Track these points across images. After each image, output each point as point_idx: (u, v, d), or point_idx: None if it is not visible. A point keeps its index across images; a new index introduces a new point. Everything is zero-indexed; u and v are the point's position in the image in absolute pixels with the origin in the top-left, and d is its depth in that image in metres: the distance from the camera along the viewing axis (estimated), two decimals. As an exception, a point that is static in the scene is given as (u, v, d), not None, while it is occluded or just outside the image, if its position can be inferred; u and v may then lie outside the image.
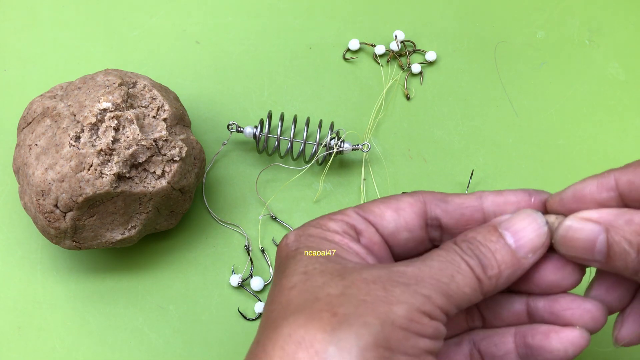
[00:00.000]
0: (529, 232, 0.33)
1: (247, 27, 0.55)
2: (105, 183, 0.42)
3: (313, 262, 0.32)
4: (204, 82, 0.53)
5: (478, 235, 0.33)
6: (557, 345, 0.34)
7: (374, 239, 0.35)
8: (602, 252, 0.32)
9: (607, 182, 0.32)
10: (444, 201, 0.35)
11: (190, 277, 0.48)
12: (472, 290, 0.32)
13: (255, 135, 0.49)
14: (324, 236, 0.34)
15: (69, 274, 0.48)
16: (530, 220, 0.33)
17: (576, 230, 0.32)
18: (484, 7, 0.56)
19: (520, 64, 0.54)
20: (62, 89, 0.46)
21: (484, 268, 0.32)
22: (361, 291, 0.30)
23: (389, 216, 0.35)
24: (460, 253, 0.32)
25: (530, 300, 0.35)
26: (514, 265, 0.33)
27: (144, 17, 0.55)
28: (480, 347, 0.36)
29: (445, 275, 0.31)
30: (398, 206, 0.35)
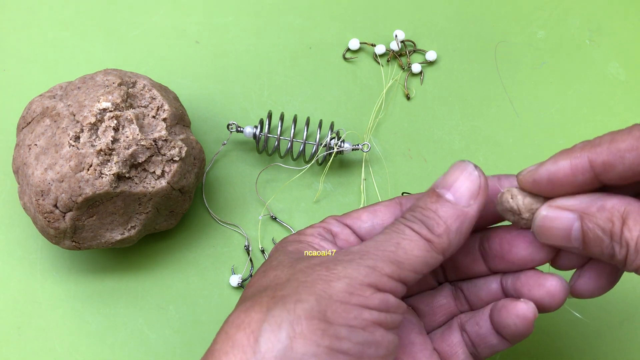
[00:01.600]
0: (462, 181, 0.34)
1: (247, 27, 0.55)
2: (104, 183, 0.42)
3: (272, 261, 0.35)
4: (203, 82, 0.53)
5: (419, 202, 0.34)
6: (507, 320, 0.35)
7: (350, 240, 0.36)
8: (578, 239, 0.32)
9: (581, 165, 0.32)
10: (417, 197, 0.37)
11: (190, 278, 0.48)
12: (424, 252, 0.33)
13: (255, 135, 0.49)
14: (297, 239, 0.36)
15: (69, 274, 0.48)
16: (460, 170, 0.34)
17: (551, 219, 0.33)
18: (484, 7, 0.56)
19: (521, 63, 0.54)
20: (61, 88, 0.46)
21: (429, 228, 0.33)
22: (305, 274, 0.32)
23: (365, 217, 0.37)
24: (403, 222, 0.34)
25: (503, 279, 0.36)
26: (460, 216, 0.33)
27: (143, 16, 0.55)
28: (467, 329, 0.37)
29: (391, 244, 0.32)
30: (374, 209, 0.37)
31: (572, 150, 0.33)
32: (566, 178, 0.33)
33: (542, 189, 0.33)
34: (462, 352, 0.37)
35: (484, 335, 0.36)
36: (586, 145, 0.33)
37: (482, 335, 0.36)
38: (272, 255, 0.36)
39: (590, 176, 0.32)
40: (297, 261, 0.34)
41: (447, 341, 0.37)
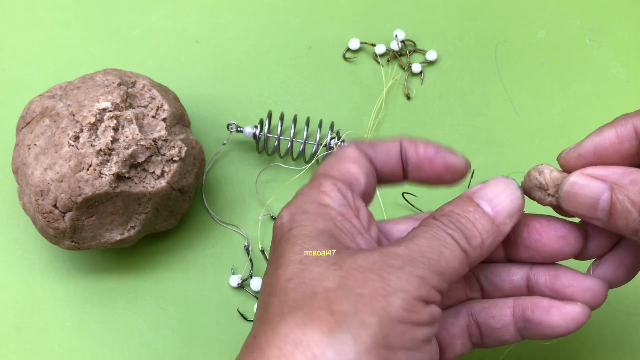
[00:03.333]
0: (503, 198, 0.33)
1: (246, 27, 0.55)
2: (104, 183, 0.42)
3: (308, 247, 0.31)
4: (203, 82, 0.53)
5: (455, 208, 0.33)
6: (559, 321, 0.34)
7: (357, 204, 0.35)
8: (605, 210, 0.31)
9: (627, 132, 0.32)
10: (373, 146, 0.36)
11: (189, 278, 0.48)
12: (460, 263, 0.32)
13: (255, 135, 0.49)
14: (321, 212, 0.33)
15: (68, 274, 0.48)
16: (503, 187, 0.33)
17: (581, 186, 0.32)
18: (484, 7, 0.56)
19: (521, 63, 0.54)
20: (61, 88, 0.46)
21: (467, 239, 0.32)
22: (358, 282, 0.30)
23: (356, 173, 0.35)
24: (443, 227, 0.32)
25: (531, 274, 0.36)
26: (495, 232, 0.33)
27: (143, 16, 0.55)
28: (478, 319, 0.36)
29: (434, 252, 0.31)
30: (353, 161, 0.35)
31: (615, 121, 0.32)
32: (612, 147, 0.32)
33: (587, 162, 0.33)
34: (460, 344, 0.36)
35: (497, 330, 0.35)
36: (628, 115, 0.32)
37: (496, 329, 0.35)
38: (297, 235, 0.32)
39: (637, 144, 0.32)
40: (341, 258, 0.31)
41: (448, 329, 0.36)
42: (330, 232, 0.32)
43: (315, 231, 0.32)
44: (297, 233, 0.32)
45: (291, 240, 0.32)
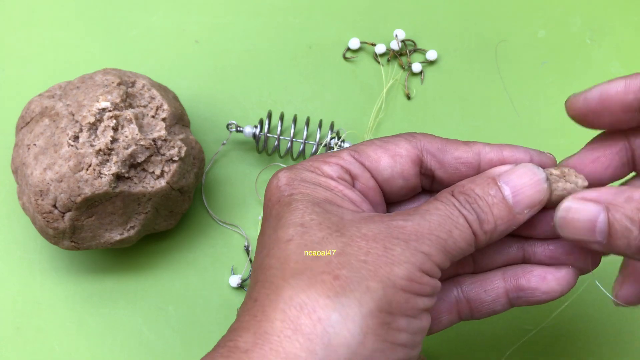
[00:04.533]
0: (528, 188, 0.32)
1: (246, 27, 0.55)
2: (104, 183, 0.42)
3: (309, 212, 0.31)
4: (203, 82, 0.53)
5: (476, 187, 0.32)
6: (555, 286, 0.34)
7: (369, 184, 0.34)
8: (603, 232, 0.31)
9: (635, 85, 0.32)
10: (442, 152, 0.35)
11: (189, 278, 0.48)
12: (468, 245, 0.32)
13: (254, 135, 0.49)
14: (317, 181, 0.33)
15: (68, 274, 0.48)
16: (531, 176, 0.33)
17: (576, 211, 0.31)
18: (485, 6, 0.56)
19: (521, 63, 0.54)
20: (60, 88, 0.46)
21: (481, 223, 0.32)
22: (361, 250, 0.30)
23: (385, 163, 0.34)
24: (459, 207, 0.32)
25: (527, 246, 0.35)
26: (510, 220, 0.32)
27: (143, 16, 0.55)
28: (469, 294, 0.36)
29: (444, 231, 0.31)
30: (395, 152, 0.34)
31: (629, 75, 0.32)
32: (617, 96, 0.32)
33: (590, 107, 0.32)
34: (446, 319, 0.36)
35: (489, 302, 0.35)
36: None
37: (487, 302, 0.35)
38: (297, 199, 0.32)
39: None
40: (343, 224, 0.31)
41: (436, 305, 0.36)
42: (332, 201, 0.32)
43: (316, 199, 0.32)
44: (298, 198, 0.32)
45: (292, 204, 0.32)
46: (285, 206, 0.32)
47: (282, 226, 0.31)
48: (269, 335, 0.28)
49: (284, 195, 0.32)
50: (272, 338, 0.28)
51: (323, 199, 0.32)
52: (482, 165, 0.34)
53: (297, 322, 0.28)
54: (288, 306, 0.28)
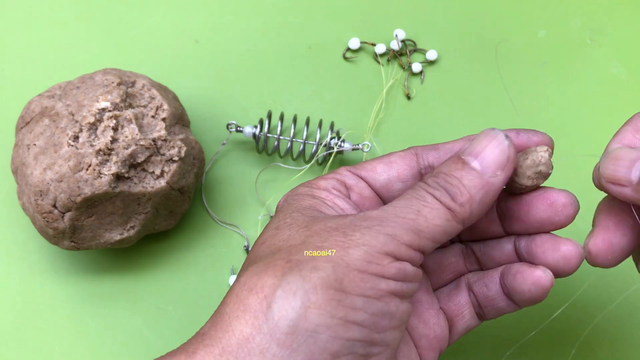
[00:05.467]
0: (491, 150, 0.33)
1: (246, 26, 0.55)
2: (103, 183, 0.42)
3: (286, 217, 0.33)
4: (203, 82, 0.53)
5: (443, 167, 0.33)
6: (522, 286, 0.34)
7: (365, 193, 0.36)
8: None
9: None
10: (434, 149, 0.36)
11: (189, 278, 0.48)
12: (444, 221, 0.32)
13: (254, 135, 0.49)
14: (310, 193, 0.35)
15: (68, 274, 0.48)
16: (490, 139, 0.33)
17: (620, 152, 0.33)
18: (485, 6, 0.56)
19: (522, 63, 0.54)
20: (60, 88, 0.46)
21: (452, 197, 0.32)
22: (321, 238, 0.31)
23: (380, 169, 0.36)
24: (425, 187, 0.32)
25: (516, 240, 0.36)
26: (484, 187, 0.32)
27: (142, 16, 0.55)
28: (474, 290, 0.37)
29: (411, 212, 0.31)
30: (389, 160, 0.36)
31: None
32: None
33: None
34: (468, 313, 0.36)
35: (492, 298, 0.36)
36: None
37: (490, 297, 0.36)
38: (282, 209, 0.34)
39: None
40: (313, 221, 0.32)
41: (454, 301, 0.37)
42: (315, 207, 0.34)
43: (299, 207, 0.34)
44: (283, 208, 0.34)
45: (276, 215, 0.34)
46: (272, 218, 0.35)
47: (261, 233, 0.34)
48: (222, 316, 0.30)
49: (277, 210, 0.35)
50: (224, 318, 0.30)
51: (306, 206, 0.34)
52: None
53: (246, 302, 0.29)
54: (241, 289, 0.30)
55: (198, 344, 0.30)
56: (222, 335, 0.29)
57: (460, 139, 0.36)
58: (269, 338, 0.29)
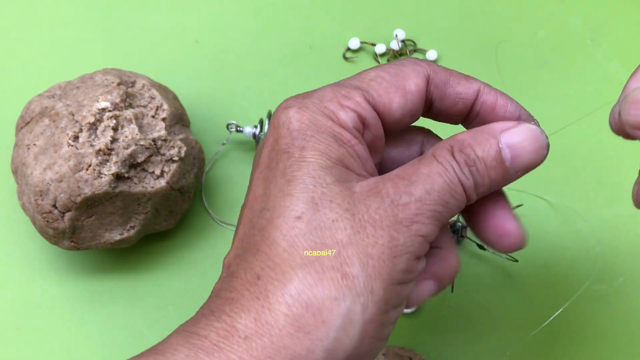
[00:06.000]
0: (528, 151, 0.31)
1: (246, 26, 0.55)
2: (103, 183, 0.42)
3: (321, 183, 0.30)
4: (203, 82, 0.53)
5: (477, 147, 0.31)
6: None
7: (378, 134, 0.33)
8: None
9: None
10: (445, 84, 0.33)
11: (189, 278, 0.48)
12: (458, 210, 0.31)
13: (255, 135, 0.49)
14: (333, 132, 0.31)
15: (68, 274, 0.48)
16: (534, 140, 0.31)
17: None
18: (484, 6, 0.56)
19: (522, 63, 0.54)
20: (60, 88, 0.46)
21: (476, 187, 0.31)
22: (369, 239, 0.29)
23: (397, 104, 0.32)
24: (458, 173, 0.30)
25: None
26: (502, 182, 0.31)
27: (142, 16, 0.55)
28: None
29: (442, 203, 0.30)
30: (406, 89, 0.32)
31: None
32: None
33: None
34: None
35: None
36: None
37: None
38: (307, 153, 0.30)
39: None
40: (352, 202, 0.30)
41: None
42: (343, 162, 0.30)
43: (328, 163, 0.30)
44: (311, 158, 0.30)
45: (304, 166, 0.30)
46: (295, 163, 0.30)
47: (291, 192, 0.30)
48: (271, 327, 0.28)
49: (294, 146, 0.31)
50: (273, 331, 0.28)
51: (336, 159, 0.30)
52: (476, 105, 0.34)
53: (301, 320, 0.28)
54: (294, 301, 0.28)
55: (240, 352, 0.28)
56: (271, 350, 0.28)
57: (468, 81, 0.34)
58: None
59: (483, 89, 0.34)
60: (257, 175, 0.32)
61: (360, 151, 0.31)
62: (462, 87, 0.34)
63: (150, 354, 0.29)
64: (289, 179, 0.30)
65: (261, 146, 0.33)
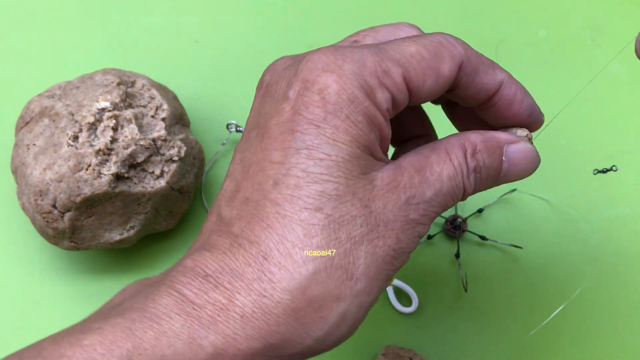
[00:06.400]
0: (521, 169, 0.33)
1: (246, 26, 0.55)
2: (103, 183, 0.42)
3: (347, 174, 0.28)
4: (203, 82, 0.53)
5: (486, 155, 0.32)
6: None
7: (400, 117, 0.33)
8: None
9: None
10: (475, 72, 0.33)
11: (189, 278, 0.48)
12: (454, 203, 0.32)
13: (254, 135, 0.49)
14: (369, 116, 0.29)
15: (67, 274, 0.48)
16: (530, 160, 0.33)
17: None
18: (485, 6, 0.56)
19: (522, 63, 0.54)
20: (60, 88, 0.46)
21: (474, 190, 0.32)
22: (379, 240, 0.29)
23: (428, 87, 0.31)
24: (465, 179, 0.31)
25: None
26: (491, 184, 0.33)
27: (142, 16, 0.55)
28: None
29: (443, 206, 0.31)
30: (440, 72, 0.31)
31: None
32: None
33: None
34: None
35: None
36: None
37: None
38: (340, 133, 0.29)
39: None
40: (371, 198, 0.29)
41: None
42: (370, 148, 0.29)
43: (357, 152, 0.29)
44: (341, 145, 0.29)
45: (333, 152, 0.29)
46: (324, 144, 0.29)
47: (316, 178, 0.28)
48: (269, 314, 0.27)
49: (326, 122, 0.29)
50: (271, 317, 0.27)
51: (365, 147, 0.29)
52: (495, 97, 0.33)
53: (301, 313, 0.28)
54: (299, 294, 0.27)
55: None
56: None
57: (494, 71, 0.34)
58: None
59: (506, 82, 0.33)
60: (275, 135, 0.29)
61: (386, 134, 0.30)
62: (489, 77, 0.33)
63: (143, 318, 0.27)
64: (315, 162, 0.28)
65: (280, 94, 0.30)
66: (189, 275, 0.28)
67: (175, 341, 0.26)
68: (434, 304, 0.47)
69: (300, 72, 0.30)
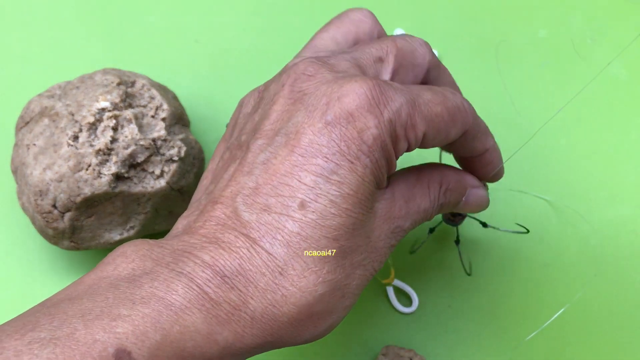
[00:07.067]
0: (472, 208, 0.39)
1: (246, 26, 0.55)
2: (103, 183, 0.42)
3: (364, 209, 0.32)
4: (203, 81, 0.53)
5: (456, 193, 0.37)
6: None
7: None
8: None
9: None
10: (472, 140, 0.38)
11: (189, 278, 0.48)
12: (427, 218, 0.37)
13: (254, 135, 0.49)
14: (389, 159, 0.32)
15: (67, 274, 0.48)
16: (480, 203, 0.39)
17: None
18: (485, 6, 0.56)
19: (522, 62, 0.54)
20: (60, 88, 0.46)
21: (439, 213, 0.37)
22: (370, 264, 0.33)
23: (433, 143, 0.35)
24: (435, 209, 0.36)
25: None
26: (450, 208, 0.38)
27: (142, 15, 0.55)
28: None
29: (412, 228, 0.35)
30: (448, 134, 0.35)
31: None
32: None
33: None
34: None
35: None
36: None
37: None
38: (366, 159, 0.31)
39: None
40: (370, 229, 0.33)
41: None
42: (380, 181, 0.33)
43: (372, 189, 0.33)
44: (365, 179, 0.32)
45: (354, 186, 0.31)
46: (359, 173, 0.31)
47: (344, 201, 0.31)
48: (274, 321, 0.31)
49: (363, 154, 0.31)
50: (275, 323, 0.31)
51: (378, 182, 0.32)
52: (476, 157, 0.39)
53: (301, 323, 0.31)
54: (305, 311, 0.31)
55: None
56: None
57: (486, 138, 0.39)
58: None
59: (491, 148, 0.39)
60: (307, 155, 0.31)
61: (393, 168, 0.34)
62: (479, 143, 0.38)
63: (169, 312, 0.28)
64: (344, 197, 0.31)
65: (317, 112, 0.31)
66: (208, 273, 0.30)
67: (196, 335, 0.29)
68: (434, 304, 0.47)
69: (343, 102, 0.31)
